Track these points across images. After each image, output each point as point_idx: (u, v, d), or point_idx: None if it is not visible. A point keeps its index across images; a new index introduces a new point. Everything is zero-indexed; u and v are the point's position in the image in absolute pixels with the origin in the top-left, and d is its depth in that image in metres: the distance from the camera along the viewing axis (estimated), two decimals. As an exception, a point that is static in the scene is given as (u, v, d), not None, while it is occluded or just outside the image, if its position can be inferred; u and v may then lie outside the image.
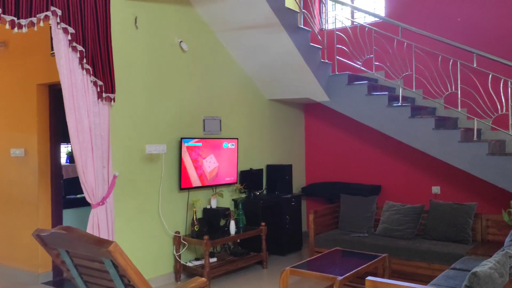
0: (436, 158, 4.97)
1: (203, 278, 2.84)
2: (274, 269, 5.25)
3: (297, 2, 5.70)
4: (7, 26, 3.37)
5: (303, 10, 5.67)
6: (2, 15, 3.32)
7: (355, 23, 6.06)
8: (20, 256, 5.09)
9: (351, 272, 3.64)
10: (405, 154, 5.97)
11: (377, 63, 5.61)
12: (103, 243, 1.75)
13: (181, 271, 4.86)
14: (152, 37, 4.77)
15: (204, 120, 5.36)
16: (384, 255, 4.22)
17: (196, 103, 5.27)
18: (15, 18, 3.39)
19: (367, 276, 2.85)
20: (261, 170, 6.10)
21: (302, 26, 5.44)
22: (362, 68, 5.61)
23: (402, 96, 5.34)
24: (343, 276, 3.51)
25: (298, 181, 6.79)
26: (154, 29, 4.79)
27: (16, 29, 3.42)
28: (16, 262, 5.14)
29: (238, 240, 5.49)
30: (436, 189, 5.74)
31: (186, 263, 4.88)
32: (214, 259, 4.98)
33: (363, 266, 3.84)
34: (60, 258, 2.05)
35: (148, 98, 4.72)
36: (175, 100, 5.02)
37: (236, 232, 5.09)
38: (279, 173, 6.16)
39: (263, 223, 5.31)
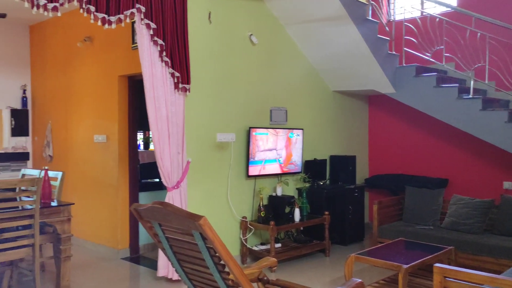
0: (509, 152, 4.82)
1: (273, 258, 3.03)
2: (336, 258, 5.35)
3: (365, -6, 5.70)
4: (99, 23, 3.72)
5: (371, 2, 5.66)
6: (95, 13, 3.68)
7: (424, 14, 5.96)
8: (102, 234, 5.56)
9: (417, 262, 3.68)
10: (474, 147, 5.81)
11: (447, 54, 5.49)
12: (194, 217, 1.96)
13: (247, 254, 5.10)
14: (224, 31, 5.00)
15: (271, 110, 5.54)
16: (450, 247, 4.19)
17: (263, 94, 5.46)
18: (106, 16, 3.75)
19: (430, 269, 2.87)
20: (325, 160, 6.20)
21: (370, 18, 5.44)
22: (431, 59, 5.53)
23: (473, 88, 5.21)
24: (409, 265, 3.56)
25: (361, 172, 6.81)
26: (226, 23, 5.02)
27: (106, 26, 3.77)
28: (98, 239, 5.62)
29: (301, 228, 5.64)
30: (508, 184, 5.56)
31: (252, 247, 5.12)
32: (278, 245, 5.17)
33: (428, 257, 3.85)
34: (153, 231, 2.30)
35: (219, 89, 4.97)
36: (244, 91, 5.23)
37: (300, 220, 5.25)
38: (343, 164, 6.22)
39: (326, 212, 5.42)
